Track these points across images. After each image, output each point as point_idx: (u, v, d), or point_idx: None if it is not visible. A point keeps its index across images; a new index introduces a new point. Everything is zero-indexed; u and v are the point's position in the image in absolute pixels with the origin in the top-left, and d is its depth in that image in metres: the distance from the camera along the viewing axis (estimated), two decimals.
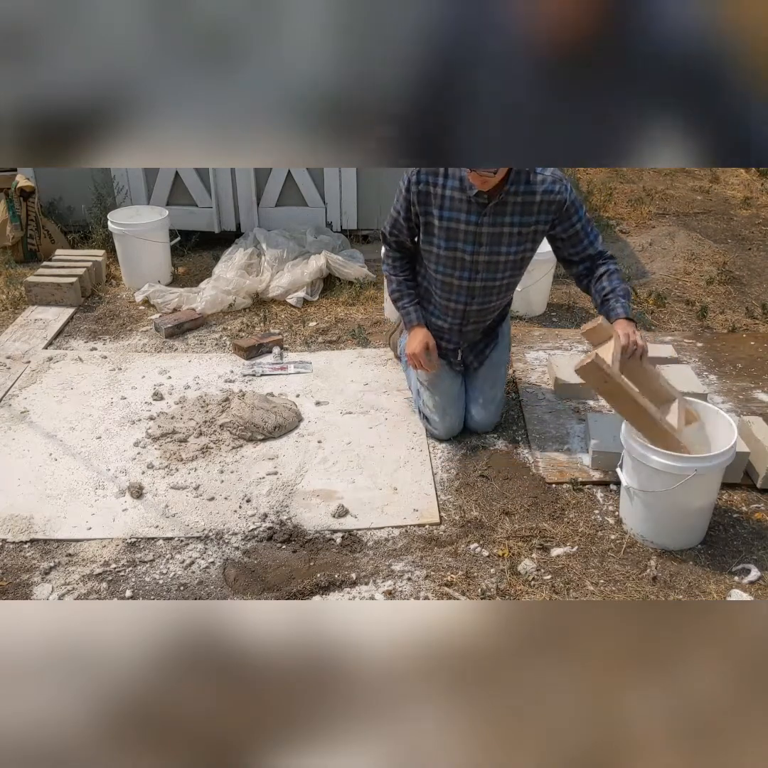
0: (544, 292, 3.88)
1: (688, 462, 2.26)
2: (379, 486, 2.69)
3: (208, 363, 3.45)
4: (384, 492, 2.66)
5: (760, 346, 3.63)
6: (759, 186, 5.89)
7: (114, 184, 4.46)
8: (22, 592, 2.26)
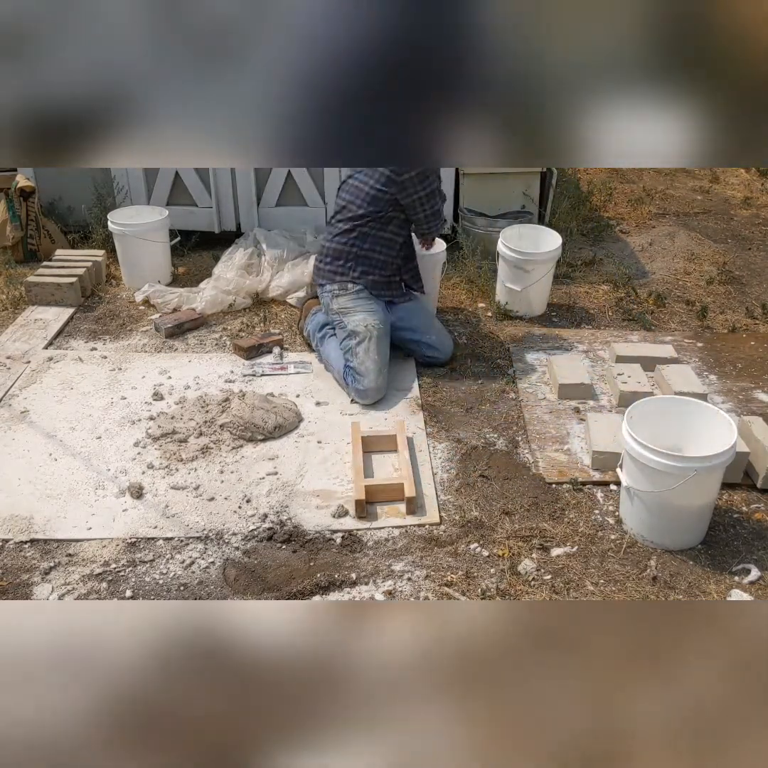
0: (544, 292, 3.88)
1: (688, 462, 2.26)
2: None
3: (208, 363, 3.45)
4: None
5: (760, 346, 3.63)
6: (759, 186, 5.89)
7: (114, 184, 4.46)
8: (22, 592, 2.26)
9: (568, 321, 3.88)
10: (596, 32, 1.45)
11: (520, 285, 3.77)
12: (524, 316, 3.87)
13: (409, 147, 1.54)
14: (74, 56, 1.43)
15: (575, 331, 3.76)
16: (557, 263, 3.90)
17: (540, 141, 1.55)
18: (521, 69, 1.48)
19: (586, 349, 3.58)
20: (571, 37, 1.44)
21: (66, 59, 1.43)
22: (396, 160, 1.58)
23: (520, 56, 1.47)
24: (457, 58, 1.45)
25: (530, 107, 1.51)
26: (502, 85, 1.49)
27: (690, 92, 1.48)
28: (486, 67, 1.47)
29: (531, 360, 3.48)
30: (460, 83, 1.48)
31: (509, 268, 3.78)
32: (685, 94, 1.48)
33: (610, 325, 3.84)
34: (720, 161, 1.57)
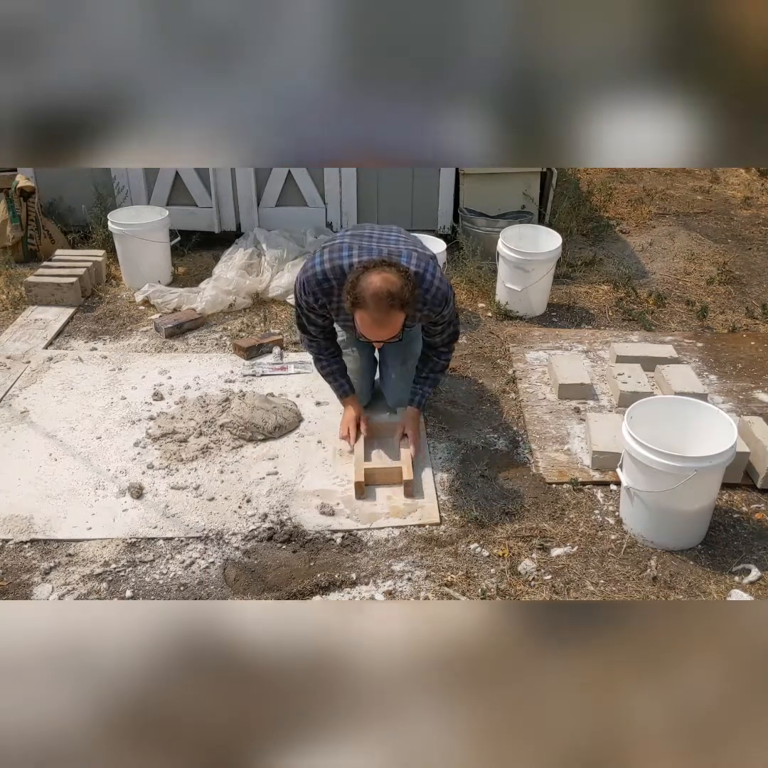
0: (544, 292, 3.88)
1: (688, 462, 2.26)
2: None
3: (208, 363, 3.45)
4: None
5: (760, 346, 3.63)
6: (759, 186, 5.89)
7: (114, 184, 4.46)
8: (22, 592, 2.26)
9: (568, 321, 3.88)
10: (596, 33, 1.45)
11: (520, 285, 3.77)
12: (524, 316, 3.87)
13: (409, 147, 1.54)
14: (75, 57, 1.43)
15: (575, 331, 3.75)
16: (557, 263, 3.90)
17: (540, 141, 1.55)
18: (521, 69, 1.48)
19: (586, 349, 3.58)
20: (572, 37, 1.45)
21: (66, 60, 1.43)
22: (396, 160, 1.58)
23: (520, 56, 1.47)
24: (458, 58, 1.45)
25: (530, 107, 1.51)
26: (502, 84, 1.49)
27: (690, 92, 1.48)
28: (486, 67, 1.47)
29: (531, 360, 3.48)
30: (461, 83, 1.48)
31: (509, 268, 3.79)
32: (685, 94, 1.48)
33: (610, 325, 3.84)
34: (720, 161, 1.57)
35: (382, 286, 2.36)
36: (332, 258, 2.60)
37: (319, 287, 2.61)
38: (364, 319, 2.44)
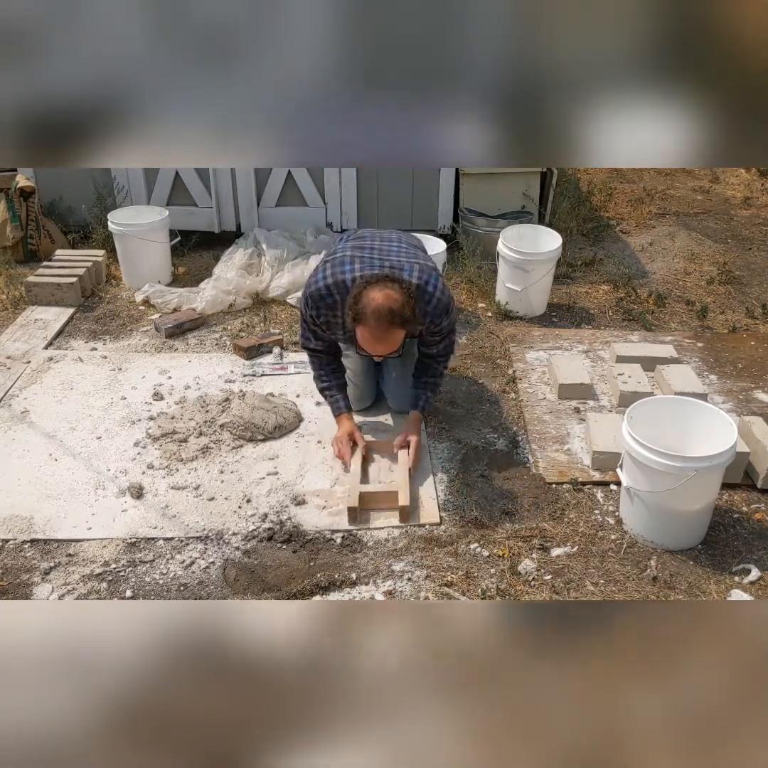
0: (544, 292, 3.89)
1: (688, 462, 2.26)
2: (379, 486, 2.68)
3: (208, 363, 3.45)
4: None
5: (761, 346, 3.63)
6: (759, 186, 5.89)
7: (114, 184, 4.46)
8: (22, 592, 2.26)
9: (568, 321, 3.88)
10: (596, 33, 1.45)
11: (520, 285, 3.77)
12: (524, 316, 3.87)
13: (409, 147, 1.54)
14: (75, 57, 1.43)
15: (575, 331, 3.75)
16: (557, 263, 3.90)
17: (540, 141, 1.55)
18: (521, 69, 1.48)
19: (586, 349, 3.58)
20: (572, 37, 1.45)
21: (67, 60, 1.43)
22: (396, 160, 1.58)
23: (520, 56, 1.47)
24: (458, 58, 1.45)
25: (530, 107, 1.51)
26: (502, 85, 1.49)
27: (690, 92, 1.48)
28: (486, 67, 1.47)
29: (531, 360, 3.48)
30: (460, 83, 1.48)
31: (509, 268, 3.79)
32: (685, 94, 1.48)
33: (610, 325, 3.84)
34: (720, 161, 1.57)
35: (383, 304, 2.38)
36: (334, 273, 2.61)
37: (323, 302, 2.63)
38: (364, 335, 2.46)
